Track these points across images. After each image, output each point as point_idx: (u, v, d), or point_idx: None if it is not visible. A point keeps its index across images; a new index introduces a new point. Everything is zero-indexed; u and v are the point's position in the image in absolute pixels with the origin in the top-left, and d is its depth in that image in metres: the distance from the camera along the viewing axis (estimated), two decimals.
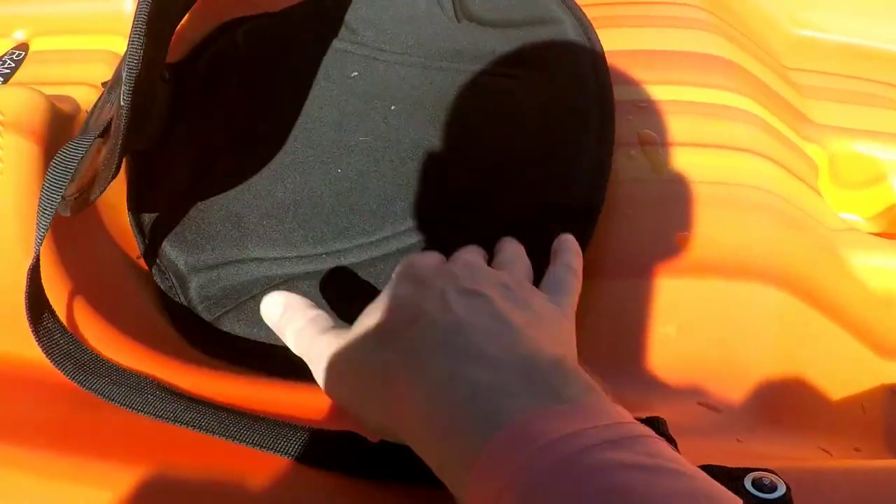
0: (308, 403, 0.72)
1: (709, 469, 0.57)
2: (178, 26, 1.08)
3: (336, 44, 1.11)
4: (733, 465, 0.58)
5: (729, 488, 0.49)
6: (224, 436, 0.65)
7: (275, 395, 0.73)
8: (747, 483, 0.57)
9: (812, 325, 0.92)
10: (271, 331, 0.75)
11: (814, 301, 0.92)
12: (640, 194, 0.94)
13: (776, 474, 0.57)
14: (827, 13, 1.28)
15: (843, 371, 0.92)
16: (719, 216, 0.94)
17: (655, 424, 0.58)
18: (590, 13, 1.10)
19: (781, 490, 0.56)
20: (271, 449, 0.64)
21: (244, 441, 0.65)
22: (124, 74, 0.74)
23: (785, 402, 0.84)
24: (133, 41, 0.73)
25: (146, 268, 0.92)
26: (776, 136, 1.04)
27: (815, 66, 1.24)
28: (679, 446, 0.56)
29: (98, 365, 0.73)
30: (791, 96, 1.15)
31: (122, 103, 0.75)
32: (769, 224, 0.95)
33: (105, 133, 0.81)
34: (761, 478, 0.57)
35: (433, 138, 0.99)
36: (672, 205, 0.93)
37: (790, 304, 0.90)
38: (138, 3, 0.74)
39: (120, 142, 0.77)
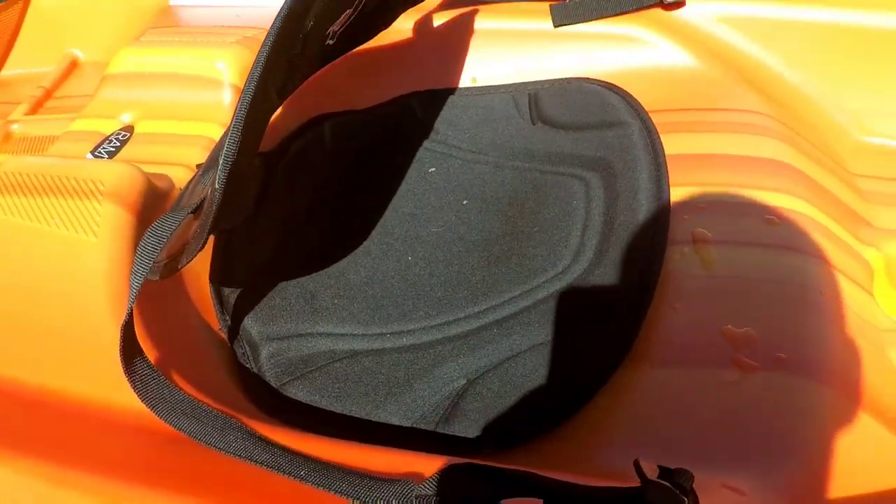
0: (365, 461, 0.79)
1: None
2: (272, 118, 1.20)
3: (416, 141, 1.22)
4: None
5: None
6: (295, 477, 0.73)
7: (331, 451, 0.81)
8: None
9: (855, 422, 0.95)
10: (333, 399, 0.84)
11: (858, 399, 0.96)
12: (689, 289, 1.00)
13: None
14: (894, 121, 1.32)
15: (882, 468, 0.95)
16: (767, 312, 0.99)
17: (684, 476, 0.65)
18: (658, 118, 1.18)
19: None
20: (327, 488, 0.72)
21: (307, 481, 0.72)
22: (221, 161, 0.84)
23: (815, 492, 0.87)
24: (233, 132, 0.83)
25: (223, 336, 1.02)
26: (830, 238, 1.09)
27: (882, 173, 1.28)
28: None
29: (187, 405, 0.81)
30: (852, 201, 1.20)
31: (216, 186, 0.85)
32: (822, 322, 1.00)
33: (197, 210, 0.91)
34: None
35: (500, 232, 1.08)
36: (719, 300, 0.99)
37: (830, 399, 0.94)
38: (241, 98, 0.84)
39: (211, 220, 0.87)
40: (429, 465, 0.75)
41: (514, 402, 0.90)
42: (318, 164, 1.21)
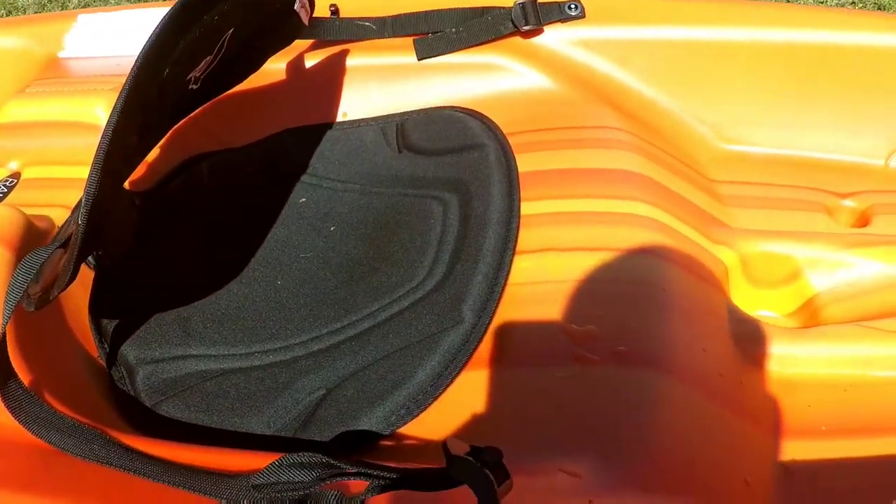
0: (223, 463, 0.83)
1: None
2: (149, 158, 1.24)
3: (289, 175, 1.27)
4: None
5: None
6: (147, 476, 0.78)
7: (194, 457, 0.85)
8: None
9: (701, 408, 0.99)
10: (202, 414, 0.94)
11: (700, 386, 0.99)
12: (535, 294, 1.04)
13: None
14: (752, 128, 1.38)
15: (729, 449, 0.98)
16: (609, 310, 1.03)
17: (492, 453, 0.69)
18: (516, 139, 1.23)
19: None
20: (186, 488, 0.77)
21: (158, 479, 0.78)
22: (83, 198, 0.89)
23: (660, 473, 0.90)
24: (92, 174, 0.88)
25: (102, 364, 1.06)
26: (679, 240, 1.13)
27: (740, 178, 1.33)
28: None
29: (57, 421, 0.85)
30: (709, 205, 1.24)
31: (79, 222, 0.90)
32: (664, 316, 1.04)
33: (65, 244, 0.95)
34: None
35: (363, 254, 1.13)
36: (563, 302, 1.03)
37: (680, 392, 0.98)
38: (99, 142, 0.89)
39: (76, 253, 0.91)
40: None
41: (365, 407, 0.95)
42: (195, 201, 1.26)
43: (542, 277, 1.05)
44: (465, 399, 0.95)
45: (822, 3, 2.57)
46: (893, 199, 1.33)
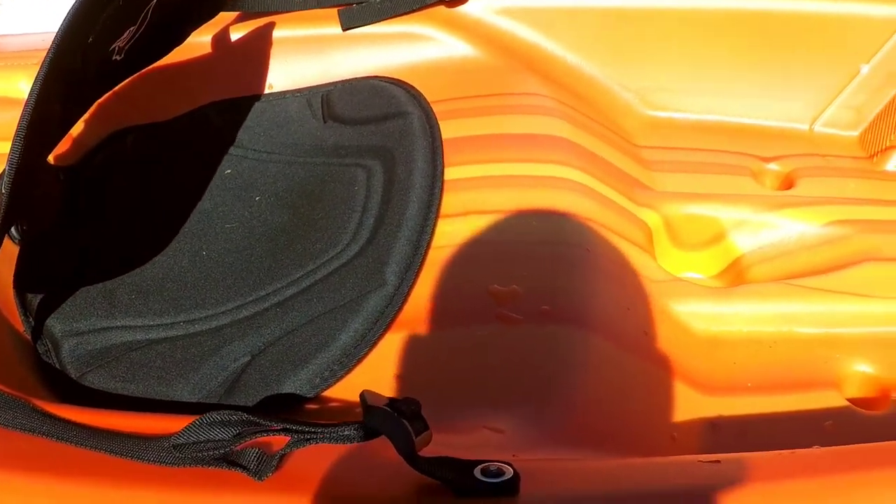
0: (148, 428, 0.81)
1: (443, 460, 0.66)
2: (74, 132, 1.22)
3: (215, 147, 1.26)
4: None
5: (459, 477, 0.62)
6: (70, 441, 0.76)
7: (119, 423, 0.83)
8: (476, 472, 0.65)
9: (626, 365, 0.99)
10: (128, 384, 0.94)
11: (625, 343, 0.99)
12: (458, 256, 1.04)
13: (508, 464, 0.65)
14: (677, 95, 1.39)
15: (656, 406, 0.98)
16: (533, 270, 1.02)
17: (410, 404, 0.69)
18: (441, 107, 1.22)
19: (508, 476, 0.64)
20: (109, 451, 0.74)
21: (78, 444, 0.75)
22: (6, 168, 0.88)
23: (583, 428, 0.90)
24: (15, 142, 0.87)
25: (28, 338, 1.04)
26: (603, 202, 1.13)
27: (665, 143, 1.34)
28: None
29: None
30: (633, 169, 1.25)
31: (2, 190, 0.89)
32: (587, 276, 1.04)
33: None
34: (489, 466, 0.65)
35: (287, 222, 1.12)
36: (486, 263, 1.02)
37: (604, 349, 0.98)
38: (22, 110, 0.88)
39: (0, 222, 0.90)
40: None
41: (289, 370, 0.94)
42: (121, 174, 1.24)
43: (466, 240, 1.05)
44: (389, 360, 0.95)
45: None
46: (818, 162, 1.34)
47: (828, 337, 1.09)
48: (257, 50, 1.36)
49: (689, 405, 1.00)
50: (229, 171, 1.23)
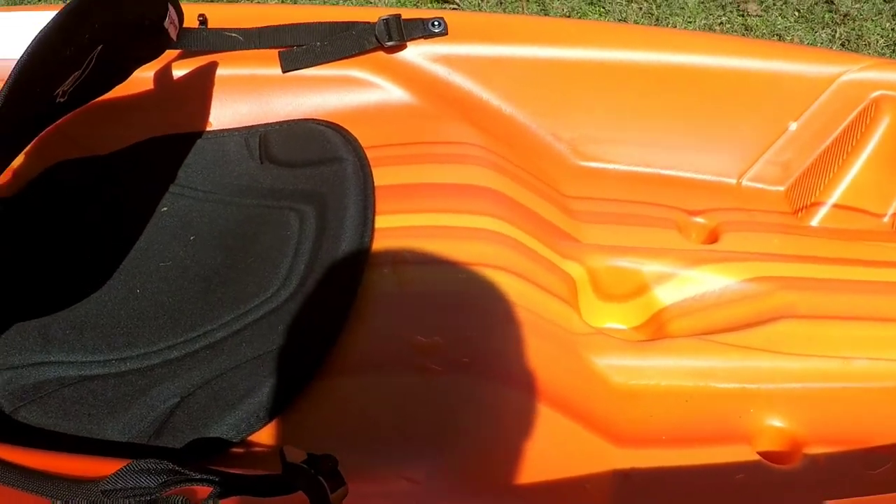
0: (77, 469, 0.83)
1: None
2: (13, 165, 1.23)
3: (153, 184, 1.27)
4: None
5: None
6: None
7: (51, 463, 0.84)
8: None
9: (541, 417, 1.01)
10: (60, 420, 0.95)
11: (542, 395, 1.02)
12: (385, 306, 1.06)
13: None
14: (608, 146, 1.42)
15: (569, 457, 1.01)
16: (455, 323, 1.05)
17: (327, 461, 0.73)
18: (375, 153, 1.24)
19: None
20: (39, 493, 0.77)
21: (10, 484, 0.78)
22: None
23: (495, 479, 0.93)
24: None
25: None
26: (528, 255, 1.16)
27: (593, 194, 1.37)
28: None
29: None
30: (561, 220, 1.28)
31: None
32: (508, 329, 1.06)
33: None
34: None
35: (221, 263, 1.15)
36: (412, 314, 1.04)
37: (521, 401, 1.00)
38: None
39: None
40: None
41: (216, 415, 0.96)
42: (58, 209, 1.25)
43: (393, 290, 1.07)
44: (313, 408, 0.97)
45: (690, 23, 2.64)
46: (744, 216, 1.38)
47: (742, 392, 1.12)
48: (199, 88, 1.37)
49: (603, 457, 1.02)
50: (166, 208, 1.24)
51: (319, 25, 1.39)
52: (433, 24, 1.38)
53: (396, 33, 1.36)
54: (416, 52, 1.39)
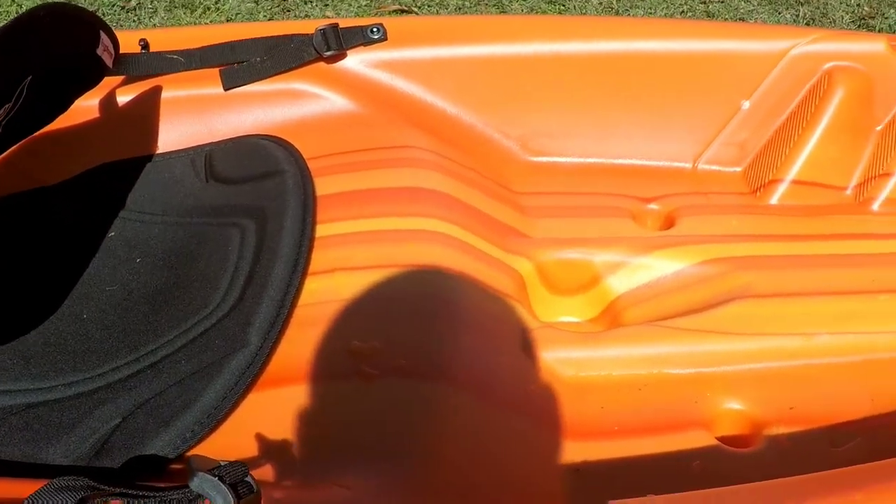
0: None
1: None
2: None
3: (100, 210, 1.27)
4: None
5: None
6: None
7: None
8: None
9: (487, 416, 1.00)
10: (13, 449, 0.94)
11: (493, 395, 1.01)
12: (323, 313, 1.05)
13: None
14: (558, 140, 1.40)
15: (518, 455, 0.99)
16: (394, 326, 1.03)
17: (237, 469, 0.73)
18: (318, 163, 1.24)
19: None
20: None
21: None
22: None
23: (438, 480, 0.91)
24: None
25: None
26: (472, 253, 1.15)
27: (547, 188, 1.35)
28: None
29: None
30: (509, 217, 1.26)
31: None
32: (449, 329, 1.05)
33: None
34: None
35: (165, 283, 1.15)
36: (349, 320, 1.03)
37: (464, 400, 0.99)
38: None
39: None
40: None
41: (153, 432, 0.95)
42: (5, 240, 1.25)
43: (331, 297, 1.06)
44: (250, 419, 0.96)
45: (651, 14, 2.62)
46: (700, 200, 1.36)
47: (698, 377, 1.10)
48: (143, 112, 1.38)
49: (554, 452, 1.01)
50: (113, 234, 1.25)
51: (259, 41, 1.38)
52: (372, 31, 1.38)
53: (335, 42, 1.36)
54: (356, 60, 1.38)
